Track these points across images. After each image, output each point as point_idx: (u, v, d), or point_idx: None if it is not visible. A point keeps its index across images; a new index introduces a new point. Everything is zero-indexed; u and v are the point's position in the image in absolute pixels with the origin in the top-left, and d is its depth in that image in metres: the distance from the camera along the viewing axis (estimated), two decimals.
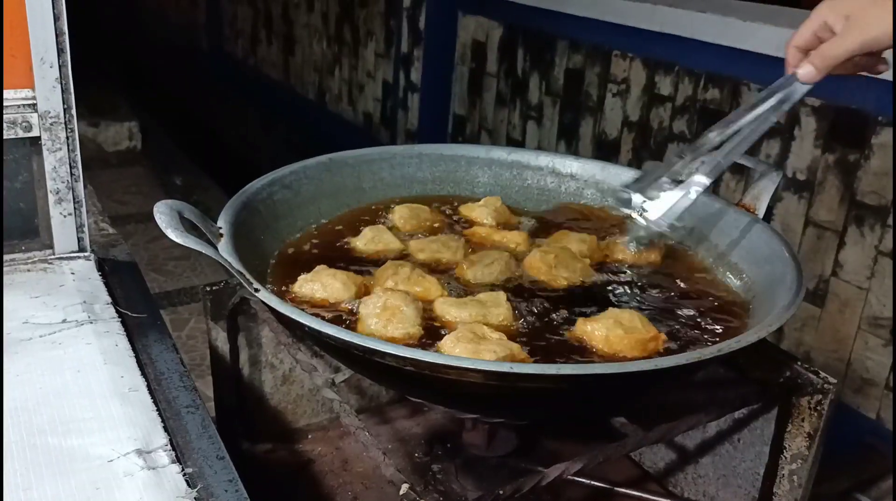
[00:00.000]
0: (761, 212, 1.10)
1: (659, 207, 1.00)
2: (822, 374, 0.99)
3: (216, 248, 0.92)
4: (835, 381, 0.98)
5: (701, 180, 0.99)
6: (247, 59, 6.16)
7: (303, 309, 0.90)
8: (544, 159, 1.32)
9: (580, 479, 1.22)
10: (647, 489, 1.23)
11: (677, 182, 1.02)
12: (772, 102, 1.03)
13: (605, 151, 2.99)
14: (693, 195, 0.99)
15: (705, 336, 0.95)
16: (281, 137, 5.51)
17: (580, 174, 1.30)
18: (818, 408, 0.99)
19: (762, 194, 1.10)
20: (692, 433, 1.20)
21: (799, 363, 1.02)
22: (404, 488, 0.82)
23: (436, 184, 1.31)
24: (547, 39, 3.19)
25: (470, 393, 0.83)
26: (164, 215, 0.88)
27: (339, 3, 4.81)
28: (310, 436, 1.32)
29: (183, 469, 0.72)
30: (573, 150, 3.13)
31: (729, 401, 1.00)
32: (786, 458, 1.04)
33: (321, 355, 1.17)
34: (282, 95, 5.62)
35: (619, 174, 1.29)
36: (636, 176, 1.10)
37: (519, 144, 3.43)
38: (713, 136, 1.06)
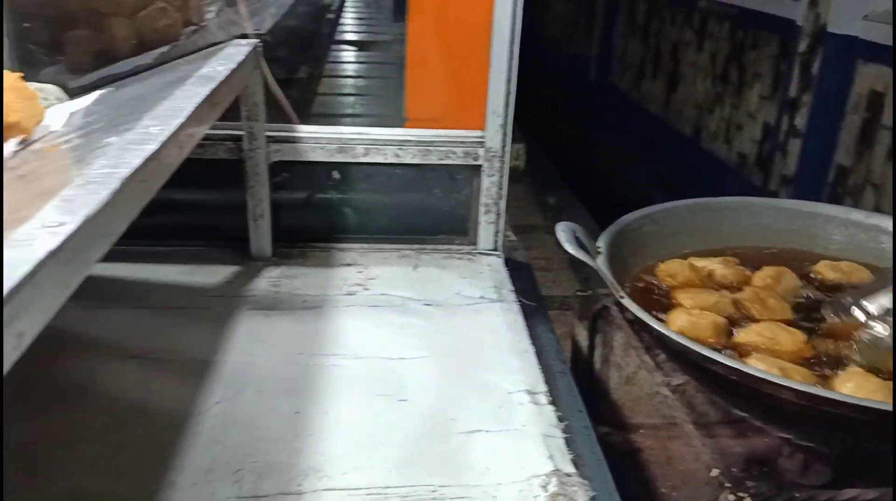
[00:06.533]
0: None
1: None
2: None
3: (595, 262, 1.22)
4: None
5: None
6: (629, 93, 6.51)
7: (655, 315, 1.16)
8: None
9: None
10: None
11: None
12: None
13: None
14: None
15: None
16: (652, 170, 5.74)
17: None
18: None
19: None
20: None
21: None
22: (715, 472, 1.03)
23: (790, 236, 1.46)
24: None
25: (783, 410, 1.01)
26: (563, 232, 1.21)
27: (729, 44, 4.90)
28: (641, 431, 1.56)
29: (556, 410, 1.02)
30: None
31: None
32: None
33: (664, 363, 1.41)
34: (658, 128, 5.84)
35: None
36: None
37: None
38: None
